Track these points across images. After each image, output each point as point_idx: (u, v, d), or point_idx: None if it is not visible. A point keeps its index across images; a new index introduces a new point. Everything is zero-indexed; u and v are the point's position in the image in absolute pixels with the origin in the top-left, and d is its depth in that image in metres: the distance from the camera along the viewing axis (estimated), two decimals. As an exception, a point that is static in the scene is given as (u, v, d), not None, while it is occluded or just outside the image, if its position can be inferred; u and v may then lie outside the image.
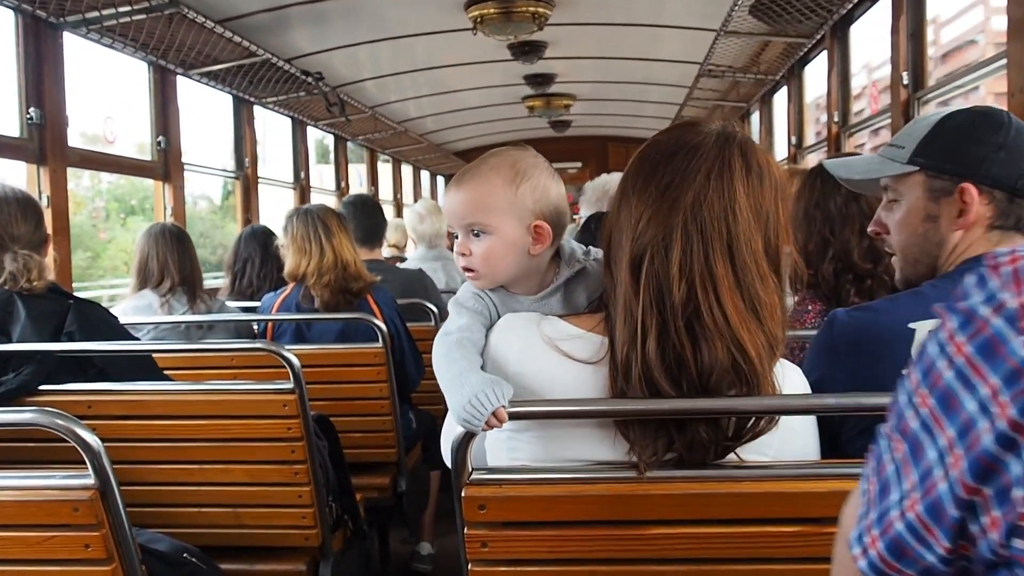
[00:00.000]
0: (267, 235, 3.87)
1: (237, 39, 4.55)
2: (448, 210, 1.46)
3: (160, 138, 4.63)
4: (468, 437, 1.29)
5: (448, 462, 1.37)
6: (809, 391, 1.37)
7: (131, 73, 4.56)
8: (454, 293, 4.78)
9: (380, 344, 3.11)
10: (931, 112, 1.59)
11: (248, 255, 3.86)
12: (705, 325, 1.21)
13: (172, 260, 3.33)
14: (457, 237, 1.47)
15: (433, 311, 3.83)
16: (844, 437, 1.50)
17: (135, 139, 4.82)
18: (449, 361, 1.34)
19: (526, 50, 5.82)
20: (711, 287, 1.21)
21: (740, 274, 1.22)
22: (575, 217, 5.14)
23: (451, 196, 1.45)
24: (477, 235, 1.43)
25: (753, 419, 1.26)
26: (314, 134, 7.33)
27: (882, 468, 0.66)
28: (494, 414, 1.24)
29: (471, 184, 1.43)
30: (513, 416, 1.26)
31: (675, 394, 1.23)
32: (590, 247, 1.50)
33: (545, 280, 1.49)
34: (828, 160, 1.69)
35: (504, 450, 1.37)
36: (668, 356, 1.23)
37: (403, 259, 5.79)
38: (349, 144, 8.15)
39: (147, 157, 4.64)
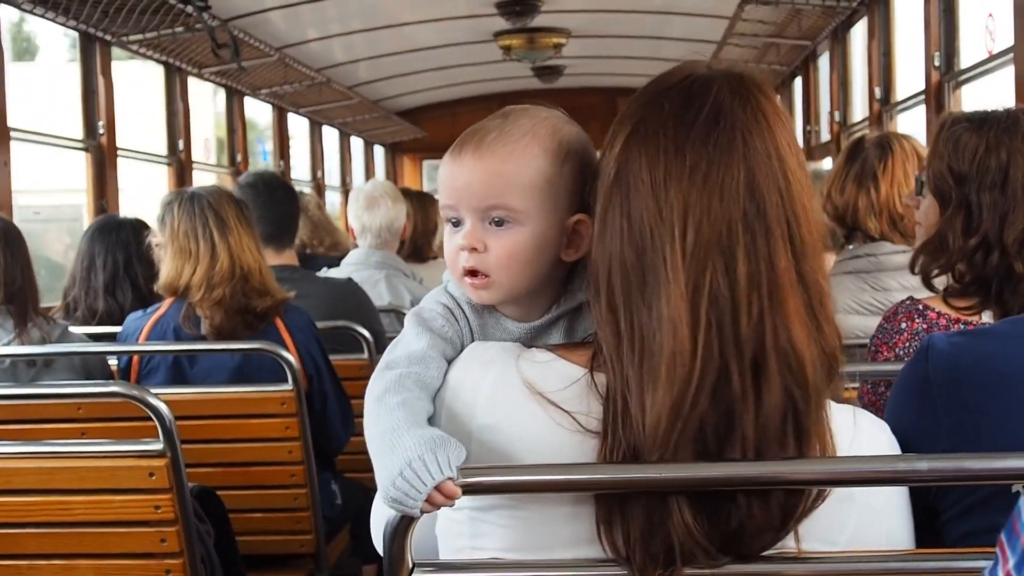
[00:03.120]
0: (126, 230, 3.85)
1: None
2: (455, 184, 1.45)
3: (-25, 94, 4.61)
4: (407, 520, 1.29)
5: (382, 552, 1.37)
6: (896, 452, 1.38)
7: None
8: (402, 315, 4.68)
9: (291, 386, 3.10)
10: None
11: (92, 259, 3.84)
12: (767, 357, 1.23)
13: (-5, 268, 3.30)
14: (458, 225, 1.45)
15: (366, 339, 3.84)
16: (945, 517, 1.50)
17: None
18: (382, 410, 1.33)
19: (498, -34, 5.85)
20: (774, 293, 1.24)
21: (801, 261, 1.26)
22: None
23: (463, 164, 1.43)
24: (499, 224, 1.43)
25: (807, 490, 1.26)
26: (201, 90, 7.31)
27: None
28: (439, 489, 1.23)
29: (499, 150, 1.43)
30: (467, 489, 1.25)
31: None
32: None
33: (545, 303, 1.50)
34: None
35: (465, 535, 1.37)
36: (715, 417, 1.24)
37: (326, 261, 5.78)
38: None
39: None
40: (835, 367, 1.28)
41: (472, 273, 1.44)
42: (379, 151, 12.73)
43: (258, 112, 9.14)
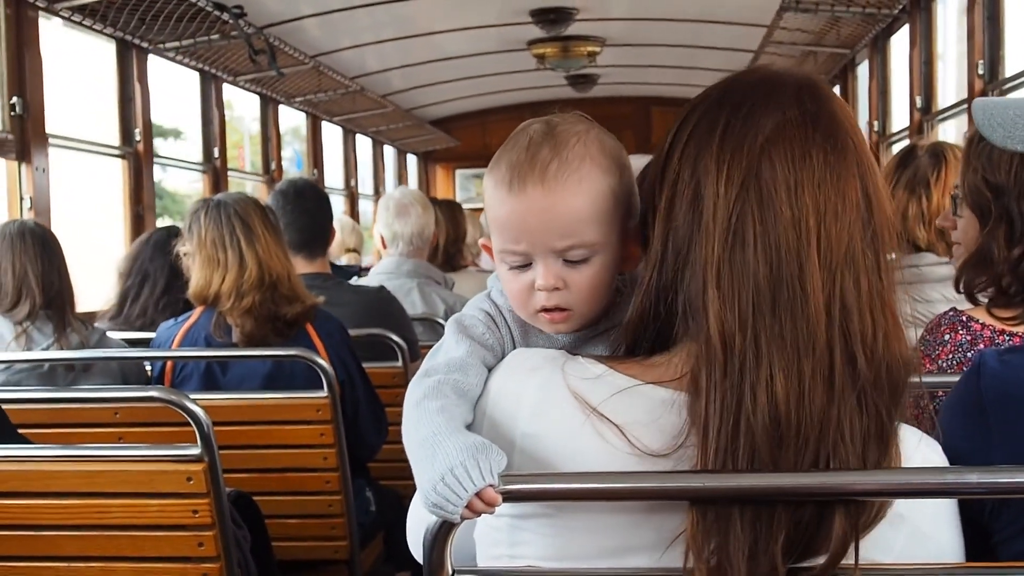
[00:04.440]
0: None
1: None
2: (526, 227, 1.39)
3: (15, 100, 4.66)
4: (447, 526, 1.29)
5: (419, 558, 1.38)
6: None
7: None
8: (435, 324, 4.63)
9: (325, 393, 3.12)
10: None
11: (150, 269, 3.88)
12: (880, 366, 1.27)
13: (34, 273, 3.34)
14: (525, 266, 1.42)
15: (400, 346, 3.85)
16: (999, 536, 1.48)
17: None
18: (421, 415, 1.33)
19: (534, -25, 5.85)
20: (885, 304, 1.29)
21: (892, 272, 1.33)
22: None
23: (531, 202, 1.38)
24: (577, 261, 1.41)
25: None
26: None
27: None
28: (479, 496, 1.23)
29: (566, 182, 1.38)
30: (508, 496, 1.25)
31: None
32: None
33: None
34: (981, 100, 1.66)
35: (503, 543, 1.36)
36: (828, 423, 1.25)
37: (357, 271, 5.81)
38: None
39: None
40: (911, 373, 1.30)
41: (556, 310, 1.42)
42: (412, 160, 12.75)
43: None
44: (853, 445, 1.23)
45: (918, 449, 1.32)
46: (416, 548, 1.44)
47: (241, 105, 8.69)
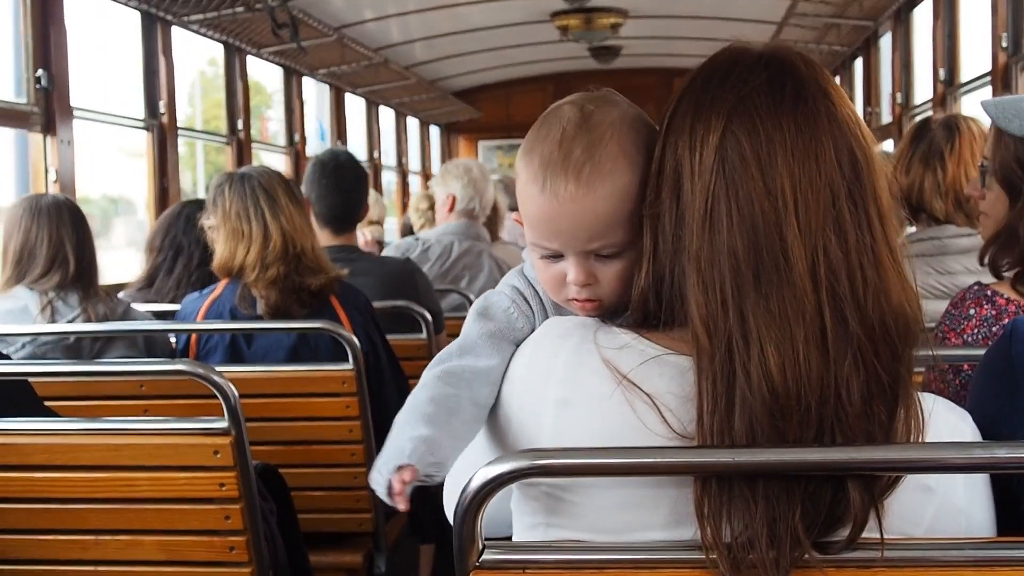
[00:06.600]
0: None
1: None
2: (558, 228, 1.40)
3: (40, 72, 4.65)
4: (480, 499, 1.27)
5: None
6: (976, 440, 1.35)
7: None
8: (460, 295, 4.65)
9: (350, 365, 3.11)
10: None
11: (184, 243, 3.87)
12: (876, 325, 1.25)
13: (70, 243, 3.33)
14: (556, 258, 1.43)
15: (425, 318, 3.84)
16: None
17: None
18: (409, 403, 1.40)
19: (557, -54, 5.83)
20: (879, 259, 1.27)
21: (886, 225, 1.30)
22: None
23: (562, 204, 1.38)
24: (608, 256, 1.41)
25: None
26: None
27: None
28: (396, 481, 1.29)
29: (597, 184, 1.37)
30: (509, 477, 1.24)
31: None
32: None
33: None
34: (988, 100, 1.64)
35: (540, 512, 1.36)
36: (829, 387, 1.24)
37: (381, 243, 5.81)
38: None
39: (21, 99, 4.66)
40: (919, 328, 1.29)
41: (586, 301, 1.44)
42: (435, 131, 12.74)
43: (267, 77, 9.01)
44: (856, 406, 1.23)
45: (934, 411, 1.31)
46: (451, 515, 1.43)
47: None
